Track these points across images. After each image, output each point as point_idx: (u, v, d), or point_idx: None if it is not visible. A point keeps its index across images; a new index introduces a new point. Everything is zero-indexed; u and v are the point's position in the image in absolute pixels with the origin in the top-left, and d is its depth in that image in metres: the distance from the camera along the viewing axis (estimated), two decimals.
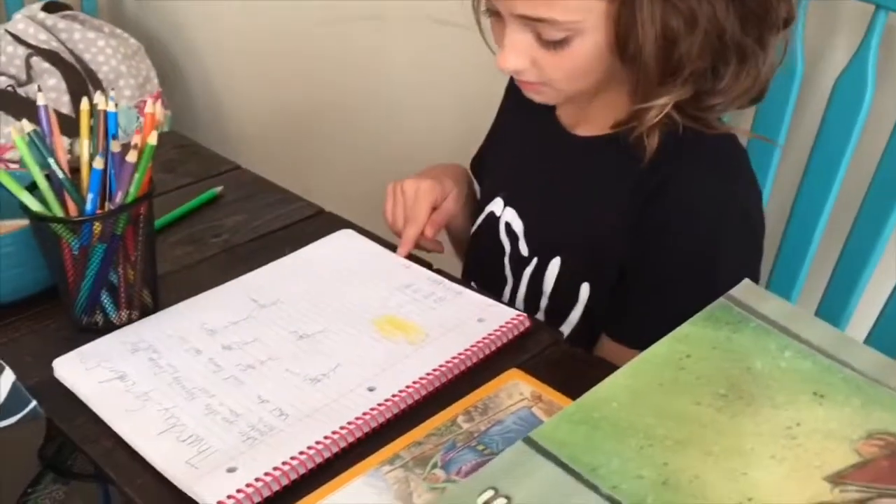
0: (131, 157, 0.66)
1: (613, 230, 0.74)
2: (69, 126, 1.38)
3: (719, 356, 0.45)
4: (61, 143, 0.71)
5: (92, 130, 0.70)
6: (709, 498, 0.36)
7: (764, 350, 0.45)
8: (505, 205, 0.83)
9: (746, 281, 0.50)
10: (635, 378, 0.44)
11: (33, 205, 0.67)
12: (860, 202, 0.88)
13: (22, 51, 1.65)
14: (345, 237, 0.83)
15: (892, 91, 0.88)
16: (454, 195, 0.87)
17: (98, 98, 0.70)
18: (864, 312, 0.89)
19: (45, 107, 0.70)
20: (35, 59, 1.65)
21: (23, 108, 1.61)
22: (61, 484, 0.61)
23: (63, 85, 1.65)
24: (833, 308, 0.90)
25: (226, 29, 1.77)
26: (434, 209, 0.85)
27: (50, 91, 1.61)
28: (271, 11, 1.62)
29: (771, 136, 0.93)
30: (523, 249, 0.82)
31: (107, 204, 0.69)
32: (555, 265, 0.79)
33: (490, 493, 0.39)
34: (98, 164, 0.66)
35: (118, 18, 1.95)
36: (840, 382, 0.43)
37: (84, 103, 0.71)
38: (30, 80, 1.65)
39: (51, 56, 1.65)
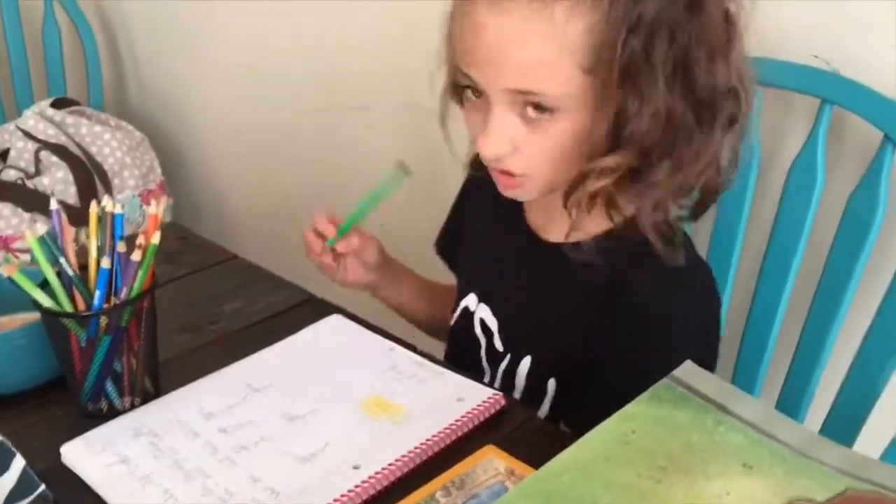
0: (136, 256, 0.72)
1: (575, 332, 0.79)
2: (76, 217, 1.45)
3: (661, 432, 0.50)
4: (71, 243, 0.77)
5: (99, 228, 0.76)
6: None
7: (701, 425, 0.50)
8: (479, 301, 0.88)
9: (688, 362, 0.56)
10: (585, 452, 0.49)
11: (45, 301, 0.73)
12: (817, 282, 0.94)
13: (31, 145, 1.73)
14: (334, 321, 0.89)
15: (842, 174, 0.94)
16: (368, 233, 0.93)
17: (106, 201, 0.77)
18: (824, 394, 0.94)
19: (57, 210, 0.77)
20: (44, 153, 1.73)
21: (32, 200, 1.68)
22: None
23: (70, 177, 1.73)
24: (794, 389, 0.95)
25: (224, 119, 1.86)
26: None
27: (58, 183, 1.69)
28: (267, 101, 1.71)
29: (733, 221, 0.99)
30: (498, 345, 0.86)
31: (112, 298, 0.75)
32: (526, 362, 0.83)
33: None
34: (105, 263, 0.72)
35: (123, 111, 2.05)
36: (767, 454, 0.48)
37: (93, 206, 0.77)
38: (38, 173, 1.73)
39: (59, 150, 1.74)
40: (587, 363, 0.78)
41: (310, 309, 0.93)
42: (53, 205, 0.77)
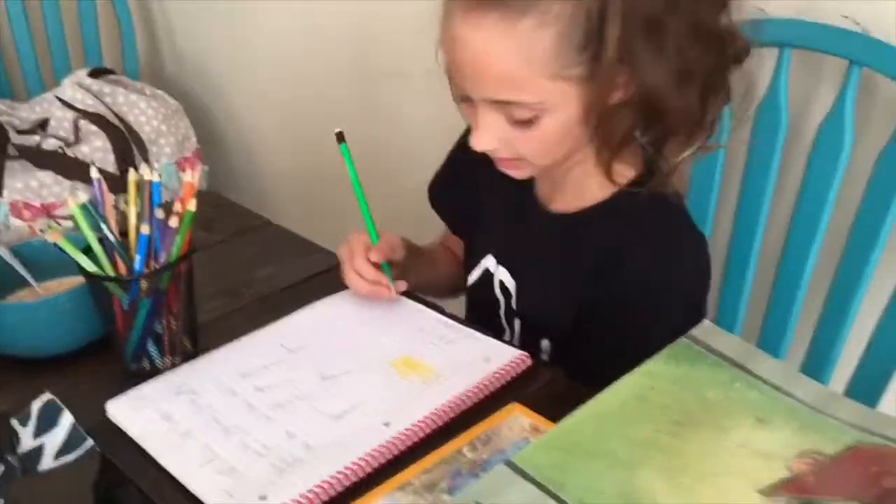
0: (173, 222, 0.75)
1: (576, 295, 0.81)
2: (114, 184, 1.49)
3: (678, 388, 0.51)
4: (112, 211, 0.80)
5: (138, 196, 0.79)
6: None
7: (717, 382, 0.51)
8: (497, 263, 0.90)
9: (706, 321, 0.57)
10: (604, 408, 0.51)
11: (89, 266, 0.76)
12: (844, 243, 0.94)
13: (70, 114, 1.77)
14: None
15: (870, 138, 0.94)
16: (390, 234, 0.90)
17: (144, 169, 0.80)
18: (849, 355, 0.95)
19: (99, 180, 0.80)
20: (83, 122, 1.77)
21: (71, 168, 1.72)
22: None
23: (108, 146, 1.76)
24: (821, 349, 0.96)
25: (258, 86, 1.88)
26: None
27: (97, 151, 1.73)
28: (301, 70, 1.72)
29: (761, 182, 1.00)
30: (515, 305, 0.89)
31: (152, 263, 0.78)
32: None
33: None
34: (144, 230, 0.75)
35: (158, 80, 2.08)
36: (781, 409, 0.49)
37: (132, 174, 0.80)
38: (77, 141, 1.76)
39: (97, 119, 1.77)
40: (586, 325, 0.80)
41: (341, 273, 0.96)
42: (94, 174, 0.80)
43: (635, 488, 0.45)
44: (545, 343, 0.86)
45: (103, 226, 0.77)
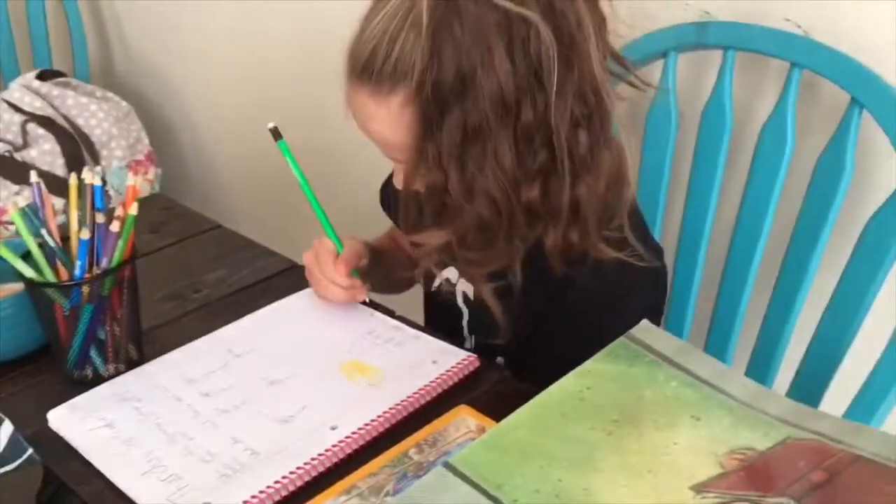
0: (114, 227, 0.74)
1: (529, 317, 0.79)
2: (63, 188, 1.47)
3: (615, 387, 0.52)
4: (52, 215, 0.79)
5: (80, 200, 0.78)
6: None
7: (653, 381, 0.52)
8: (459, 276, 0.88)
9: (644, 321, 0.58)
10: (542, 408, 0.51)
11: (28, 272, 0.75)
12: (787, 243, 0.96)
13: (18, 118, 1.74)
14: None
15: (812, 138, 0.96)
16: (354, 239, 0.89)
17: (85, 173, 0.79)
18: (792, 354, 0.96)
19: (38, 184, 0.79)
20: (31, 126, 1.74)
21: (19, 172, 1.69)
22: None
23: (58, 149, 1.74)
24: (766, 348, 0.98)
25: (211, 87, 1.87)
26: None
27: (45, 155, 1.70)
28: (253, 70, 1.71)
29: (707, 183, 1.01)
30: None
31: (94, 268, 0.76)
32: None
33: None
34: (84, 234, 0.74)
35: (109, 82, 2.05)
36: (715, 407, 0.50)
37: (72, 178, 0.79)
38: (26, 145, 1.74)
39: (45, 122, 1.75)
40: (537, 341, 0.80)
41: (292, 277, 0.95)
42: (34, 178, 0.79)
43: (571, 487, 0.45)
44: (499, 359, 0.85)
45: (43, 231, 0.76)
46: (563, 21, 0.64)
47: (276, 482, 0.65)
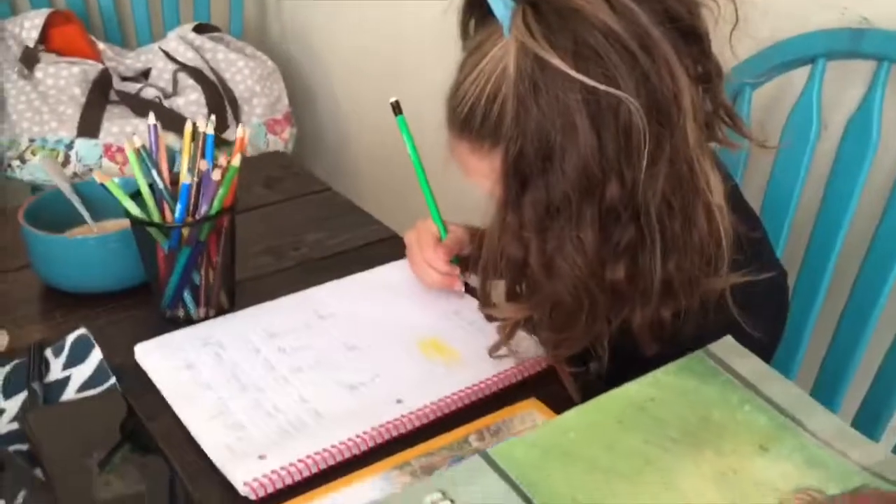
0: (215, 175, 0.76)
1: None
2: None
3: (682, 403, 0.48)
4: (165, 157, 0.81)
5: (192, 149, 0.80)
6: None
7: (725, 402, 0.48)
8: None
9: (728, 338, 0.54)
10: (599, 412, 0.48)
11: (133, 210, 0.77)
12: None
13: (171, 66, 1.82)
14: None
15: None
16: (458, 226, 0.87)
17: (200, 121, 0.81)
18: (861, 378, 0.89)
19: (155, 126, 0.81)
20: (181, 75, 1.82)
21: (166, 117, 1.77)
22: (138, 455, 0.70)
23: (203, 99, 1.81)
24: (833, 369, 0.90)
25: (356, 57, 1.89)
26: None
27: (191, 105, 1.77)
28: (399, 46, 1.72)
29: (840, 206, 0.94)
30: None
31: (196, 214, 0.78)
32: None
33: (438, 496, 0.44)
34: (186, 178, 0.76)
35: (260, 41, 2.12)
36: (789, 438, 0.46)
37: (188, 125, 0.81)
38: (175, 93, 1.82)
39: (195, 73, 1.82)
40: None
41: (392, 247, 0.95)
42: (151, 119, 0.81)
43: (609, 498, 0.42)
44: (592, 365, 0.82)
45: (153, 172, 0.79)
46: (657, 95, 0.59)
47: (333, 446, 0.65)
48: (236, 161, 0.76)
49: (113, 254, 0.84)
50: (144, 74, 1.85)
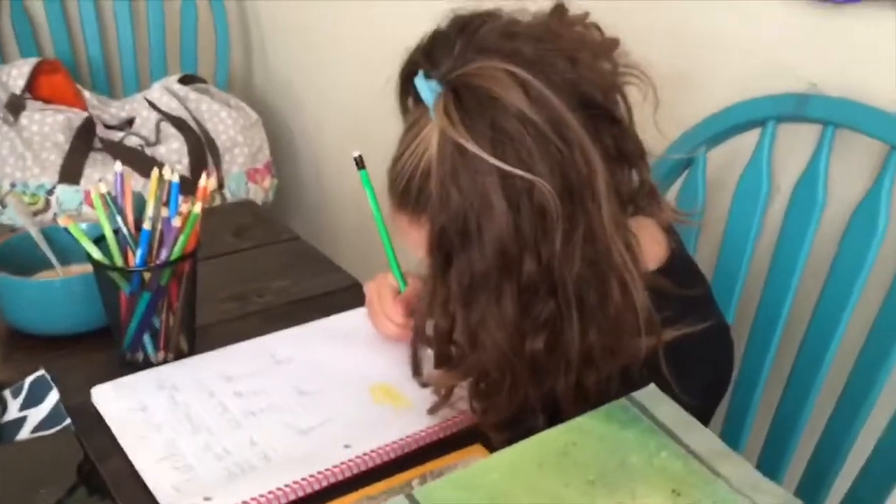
0: (176, 221, 0.78)
1: None
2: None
3: (601, 448, 0.50)
4: (131, 204, 0.84)
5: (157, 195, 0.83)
6: None
7: (643, 447, 0.50)
8: None
9: (651, 386, 0.56)
10: (521, 456, 0.50)
11: (95, 254, 0.80)
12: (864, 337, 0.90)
13: (154, 116, 1.86)
14: None
15: None
16: (418, 278, 0.86)
17: (166, 170, 0.84)
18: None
19: (121, 173, 0.84)
20: (164, 124, 1.85)
21: (148, 165, 1.80)
22: (96, 499, 0.72)
23: (185, 148, 1.84)
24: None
25: (338, 111, 1.94)
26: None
27: (173, 153, 1.81)
28: (384, 100, 1.76)
29: (789, 264, 0.97)
30: None
31: (157, 259, 0.81)
32: None
33: None
34: (147, 224, 0.78)
35: (246, 92, 2.16)
36: (701, 484, 0.47)
37: (155, 172, 0.84)
38: (158, 142, 1.85)
39: (177, 122, 1.86)
40: None
41: (353, 295, 0.97)
42: (118, 167, 0.84)
43: None
44: None
45: (118, 217, 0.81)
46: (571, 178, 0.63)
47: (279, 489, 0.66)
48: (197, 208, 0.79)
49: (76, 297, 0.86)
50: (129, 123, 1.89)
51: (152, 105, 1.87)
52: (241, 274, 1.01)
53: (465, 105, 0.62)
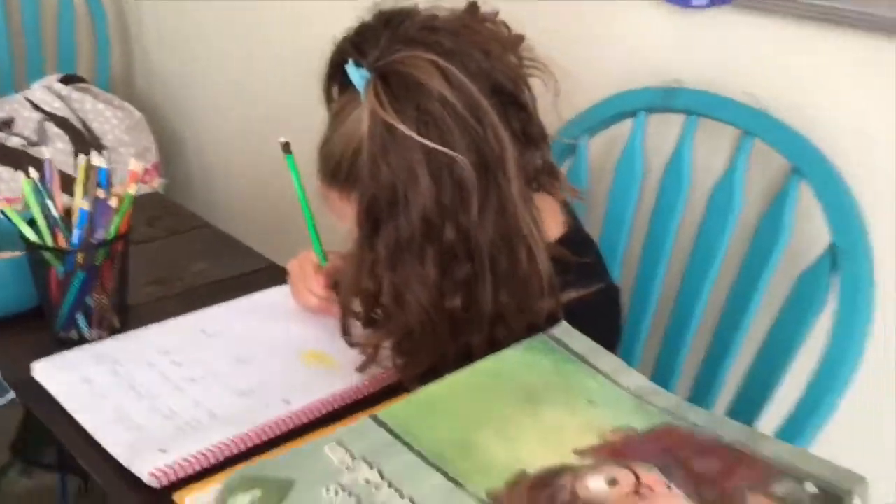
0: (112, 202, 0.83)
1: None
2: (70, 185, 1.56)
3: (526, 372, 0.59)
4: (59, 189, 0.87)
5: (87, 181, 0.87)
6: (486, 455, 0.51)
7: (561, 370, 0.60)
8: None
9: (564, 323, 0.66)
10: (462, 380, 0.59)
11: (31, 235, 0.83)
12: (728, 290, 1.05)
13: (37, 116, 1.84)
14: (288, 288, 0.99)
15: (757, 201, 1.05)
16: (338, 255, 0.94)
17: (94, 156, 0.88)
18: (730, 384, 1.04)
19: (49, 160, 0.88)
20: (48, 124, 1.84)
21: (33, 165, 1.78)
22: (26, 476, 0.75)
23: (70, 148, 1.83)
24: (706, 377, 1.06)
25: (220, 107, 1.97)
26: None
27: (58, 153, 1.80)
28: (262, 93, 1.81)
29: (662, 235, 1.10)
30: None
31: (90, 240, 0.85)
32: None
33: (335, 445, 0.53)
34: (84, 204, 0.82)
35: (128, 93, 2.16)
36: (610, 395, 0.58)
37: (82, 158, 0.88)
38: (41, 142, 1.83)
39: (61, 122, 1.85)
40: None
41: (269, 276, 1.03)
42: (46, 154, 0.87)
43: (471, 440, 0.53)
44: None
45: (48, 202, 0.85)
46: (486, 155, 0.72)
47: (230, 440, 0.72)
48: (132, 189, 0.84)
49: (8, 279, 0.89)
50: (7, 124, 1.86)
51: (34, 105, 1.85)
52: (160, 260, 1.05)
53: (393, 90, 0.71)
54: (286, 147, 0.89)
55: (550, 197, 0.86)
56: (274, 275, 1.03)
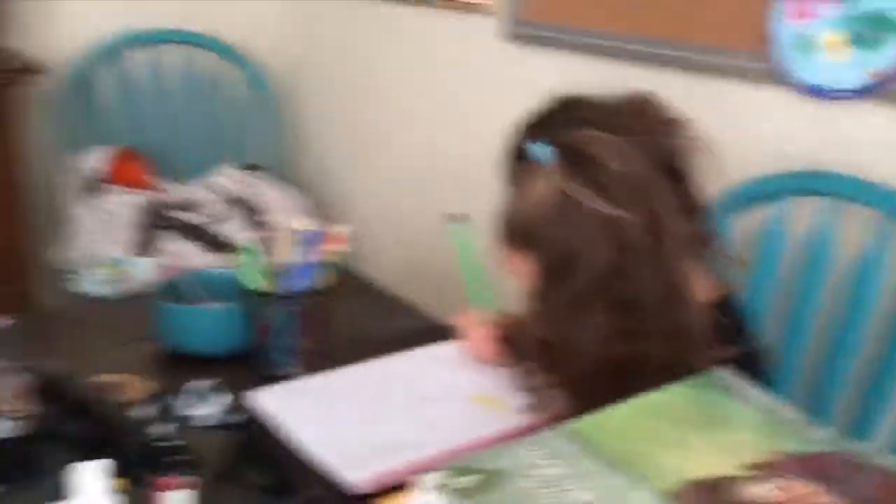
0: (321, 255, 0.97)
1: None
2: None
3: (691, 405, 0.68)
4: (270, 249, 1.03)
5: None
6: (661, 463, 0.61)
7: (721, 403, 0.68)
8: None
9: (726, 369, 0.74)
10: (631, 410, 0.67)
11: (261, 285, 0.99)
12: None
13: (216, 198, 2.08)
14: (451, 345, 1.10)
15: None
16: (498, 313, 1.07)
17: (297, 223, 1.03)
18: None
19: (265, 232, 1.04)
20: (226, 205, 2.07)
21: (212, 241, 2.01)
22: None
23: (245, 225, 2.04)
24: None
25: (376, 195, 2.16)
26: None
27: (234, 231, 2.01)
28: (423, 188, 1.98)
29: (807, 299, 1.16)
30: None
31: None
32: None
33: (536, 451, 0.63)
34: (300, 260, 0.97)
35: (301, 179, 2.38)
36: (772, 423, 0.65)
37: (289, 223, 1.04)
38: (220, 220, 2.06)
39: (238, 203, 2.08)
40: None
41: (434, 334, 1.14)
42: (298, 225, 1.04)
43: (647, 451, 0.62)
44: None
45: (262, 257, 1.00)
46: (652, 220, 0.82)
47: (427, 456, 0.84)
48: (341, 248, 0.99)
49: (223, 322, 1.04)
50: (193, 204, 2.10)
51: (215, 188, 2.09)
52: (347, 313, 1.19)
53: (572, 164, 0.83)
54: (457, 218, 1.02)
55: (705, 262, 0.95)
56: (437, 334, 1.13)
